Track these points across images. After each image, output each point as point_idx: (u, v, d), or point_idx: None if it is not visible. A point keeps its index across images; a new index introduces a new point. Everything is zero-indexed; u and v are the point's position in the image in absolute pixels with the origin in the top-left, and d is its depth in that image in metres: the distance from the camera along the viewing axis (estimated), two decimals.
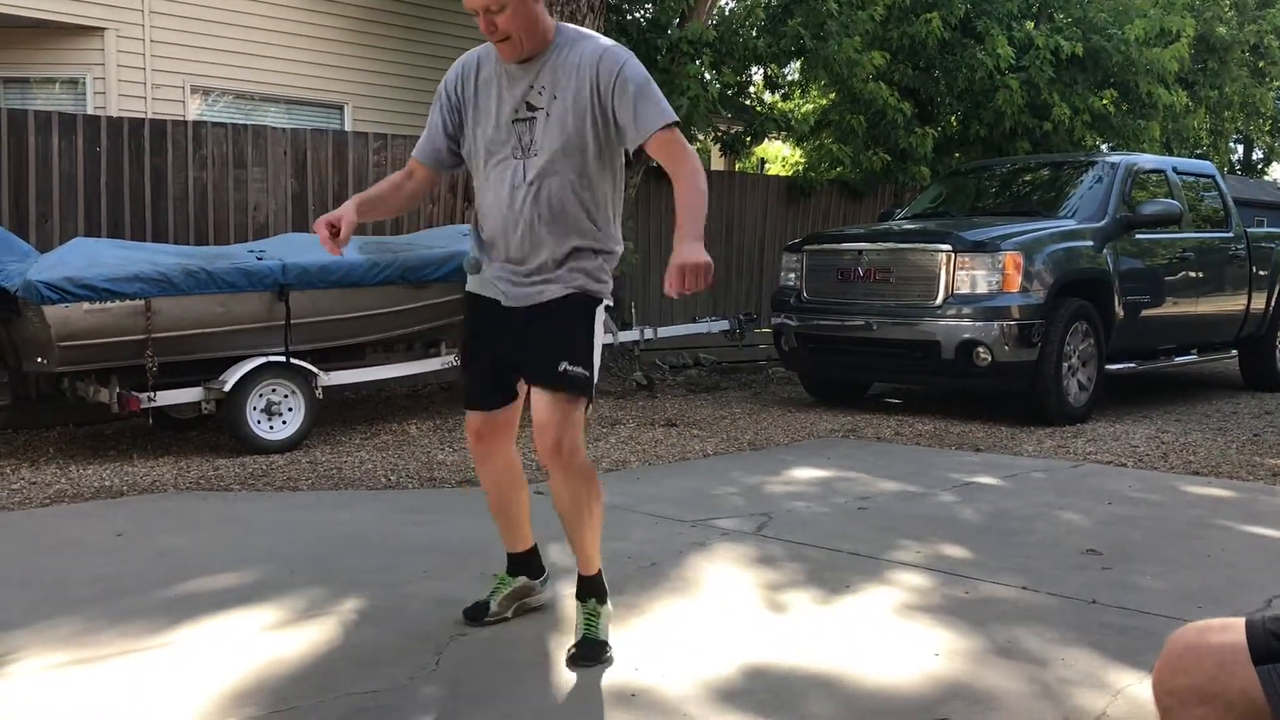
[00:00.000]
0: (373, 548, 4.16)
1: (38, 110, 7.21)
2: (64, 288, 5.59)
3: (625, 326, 8.83)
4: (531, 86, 2.89)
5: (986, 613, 3.39)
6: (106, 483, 5.40)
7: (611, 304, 3.08)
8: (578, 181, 2.90)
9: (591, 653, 2.97)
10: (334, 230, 2.88)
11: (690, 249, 2.67)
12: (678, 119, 2.86)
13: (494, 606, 3.26)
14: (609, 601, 3.13)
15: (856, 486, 5.31)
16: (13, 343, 6.10)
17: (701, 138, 11.81)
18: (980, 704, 2.70)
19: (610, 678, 2.86)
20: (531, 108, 2.88)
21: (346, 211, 2.92)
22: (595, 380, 2.98)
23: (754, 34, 10.48)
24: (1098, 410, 7.68)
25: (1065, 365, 7.33)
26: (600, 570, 3.13)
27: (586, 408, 2.98)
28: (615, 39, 3.58)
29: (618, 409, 8.00)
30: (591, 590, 3.09)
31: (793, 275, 8.28)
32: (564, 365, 2.90)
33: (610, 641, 3.04)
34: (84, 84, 9.55)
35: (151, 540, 4.27)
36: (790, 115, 12.69)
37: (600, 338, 3.02)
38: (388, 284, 6.68)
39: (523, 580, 3.32)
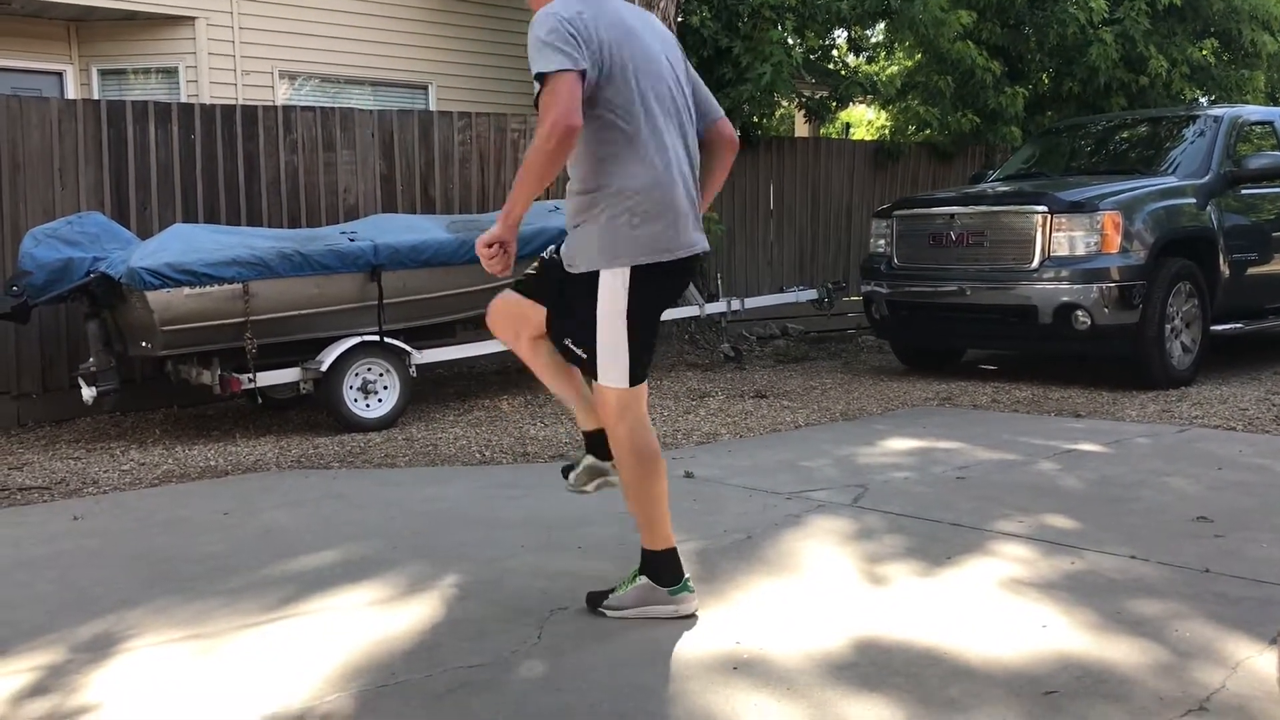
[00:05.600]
0: (470, 523, 4.21)
1: (134, 100, 7.38)
2: (165, 273, 5.74)
3: (712, 298, 8.79)
4: None
5: (1094, 583, 3.31)
6: (211, 462, 5.55)
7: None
8: None
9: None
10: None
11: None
12: (547, 70, 2.82)
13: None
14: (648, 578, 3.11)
15: (954, 456, 5.22)
16: (118, 328, 6.29)
17: (786, 104, 11.64)
18: (1091, 678, 2.63)
19: (712, 650, 2.86)
20: None
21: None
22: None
23: None
24: (1203, 373, 7.44)
25: (1168, 327, 7.12)
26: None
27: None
28: (695, 7, 3.50)
29: (706, 381, 7.98)
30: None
31: (882, 241, 8.15)
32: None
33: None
34: (178, 73, 9.77)
35: (257, 518, 4.38)
36: (875, 78, 12.45)
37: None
38: (477, 261, 6.71)
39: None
